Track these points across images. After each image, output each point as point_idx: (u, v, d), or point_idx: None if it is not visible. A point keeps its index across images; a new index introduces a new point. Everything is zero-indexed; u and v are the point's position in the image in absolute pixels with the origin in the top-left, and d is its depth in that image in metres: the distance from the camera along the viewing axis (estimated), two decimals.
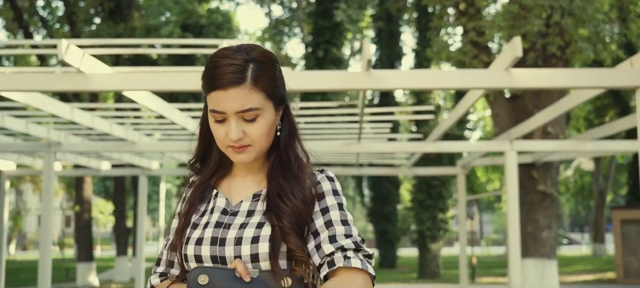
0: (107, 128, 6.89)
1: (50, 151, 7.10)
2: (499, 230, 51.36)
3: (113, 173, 11.07)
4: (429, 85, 4.16)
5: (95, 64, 4.20)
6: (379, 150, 8.03)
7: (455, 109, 6.14)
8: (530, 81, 4.02)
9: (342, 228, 1.48)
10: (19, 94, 4.93)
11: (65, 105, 5.91)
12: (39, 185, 36.59)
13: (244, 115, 1.47)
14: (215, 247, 1.48)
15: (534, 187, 9.28)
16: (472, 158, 9.51)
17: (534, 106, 9.33)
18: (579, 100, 5.10)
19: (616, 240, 17.98)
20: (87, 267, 17.64)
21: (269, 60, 1.51)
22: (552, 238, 9.35)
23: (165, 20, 16.54)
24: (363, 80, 4.03)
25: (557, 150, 7.56)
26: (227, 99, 1.46)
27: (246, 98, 1.46)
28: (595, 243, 27.71)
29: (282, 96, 1.55)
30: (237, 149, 1.50)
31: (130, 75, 4.33)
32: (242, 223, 1.50)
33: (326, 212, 1.52)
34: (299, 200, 1.50)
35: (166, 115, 5.79)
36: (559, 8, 8.75)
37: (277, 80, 1.52)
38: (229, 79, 1.45)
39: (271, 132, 1.53)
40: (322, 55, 17.05)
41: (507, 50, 3.93)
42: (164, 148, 7.79)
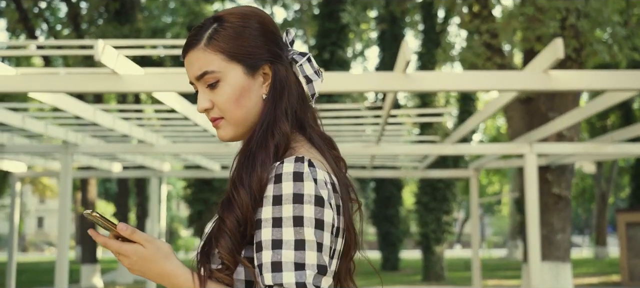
0: (127, 130, 6.85)
1: (67, 153, 7.05)
2: (499, 233, 51.38)
3: (125, 175, 11.01)
4: (465, 86, 4.13)
5: (128, 64, 4.16)
6: (397, 152, 8.00)
7: (481, 111, 6.10)
8: (570, 83, 3.98)
9: (291, 253, 1.16)
10: (45, 95, 4.89)
11: (89, 106, 5.87)
12: (38, 187, 36.51)
13: (204, 81, 1.30)
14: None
15: (548, 189, 9.26)
16: (487, 160, 9.48)
17: (548, 109, 9.32)
18: (609, 103, 5.08)
19: (621, 243, 17.97)
20: (92, 268, 17.57)
21: (237, 16, 1.32)
22: (566, 241, 9.34)
23: (172, 21, 16.50)
24: (400, 81, 4.00)
25: (578, 153, 7.53)
26: (186, 65, 1.33)
27: (200, 61, 1.30)
28: (597, 246, 27.72)
29: (258, 57, 1.31)
30: (213, 123, 1.35)
31: (162, 76, 4.30)
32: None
33: (278, 225, 1.18)
34: (247, 193, 1.22)
35: (190, 117, 5.75)
36: (574, 10, 8.74)
37: (243, 38, 1.30)
38: (186, 43, 1.33)
39: (245, 101, 1.30)
40: (328, 57, 17.02)
41: (547, 51, 3.89)
42: (181, 150, 7.75)
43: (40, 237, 51.09)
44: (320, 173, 1.23)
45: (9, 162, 9.69)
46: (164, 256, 1.25)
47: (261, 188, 1.22)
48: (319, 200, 1.19)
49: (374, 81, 4.17)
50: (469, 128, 6.80)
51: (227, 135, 1.34)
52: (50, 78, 4.12)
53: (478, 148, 8.90)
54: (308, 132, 1.35)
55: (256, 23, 1.33)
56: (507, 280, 19.58)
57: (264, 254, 1.18)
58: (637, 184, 23.04)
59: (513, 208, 31.14)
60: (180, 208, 49.48)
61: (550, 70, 4.00)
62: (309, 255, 1.17)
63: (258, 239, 1.20)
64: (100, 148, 7.67)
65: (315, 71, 1.39)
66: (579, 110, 5.95)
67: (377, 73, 4.23)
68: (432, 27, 20.30)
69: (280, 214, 1.18)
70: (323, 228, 1.19)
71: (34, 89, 4.10)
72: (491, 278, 19.84)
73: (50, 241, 49.83)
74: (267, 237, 1.18)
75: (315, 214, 1.18)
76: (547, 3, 8.59)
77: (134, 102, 18.92)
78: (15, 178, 9.88)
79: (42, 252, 42.55)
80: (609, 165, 25.73)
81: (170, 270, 1.24)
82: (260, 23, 1.34)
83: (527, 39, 9.11)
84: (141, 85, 4.19)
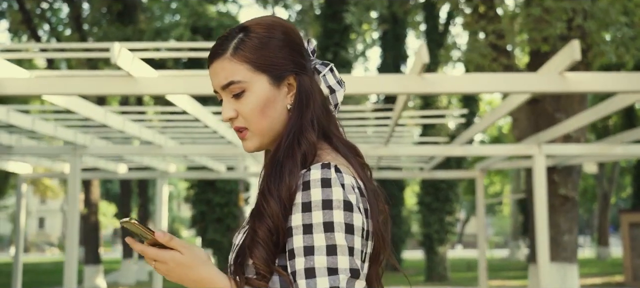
0: (137, 131, 6.85)
1: (75, 154, 7.05)
2: (500, 233, 51.40)
3: (130, 176, 11.01)
4: (482, 89, 4.13)
5: (143, 67, 4.16)
6: (406, 153, 8.00)
7: (492, 112, 6.10)
8: (586, 85, 3.99)
9: (323, 259, 1.17)
10: (58, 98, 4.89)
11: (100, 108, 5.87)
12: (39, 188, 36.50)
13: (230, 91, 1.31)
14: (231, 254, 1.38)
15: (555, 190, 9.26)
16: (493, 161, 9.48)
17: (555, 109, 9.31)
18: (622, 104, 5.08)
19: (624, 243, 17.98)
20: (95, 269, 17.55)
21: (263, 26, 1.34)
22: (573, 242, 9.33)
23: (175, 22, 16.50)
24: (416, 84, 4.00)
25: (587, 154, 7.53)
26: (212, 75, 1.34)
27: (226, 71, 1.31)
28: (599, 246, 27.73)
29: (283, 68, 1.33)
30: (239, 134, 1.36)
31: (176, 79, 4.29)
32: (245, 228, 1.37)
33: (308, 232, 1.19)
34: (277, 202, 1.23)
35: (201, 118, 5.75)
36: (581, 11, 8.74)
37: (269, 49, 1.31)
38: (212, 53, 1.34)
39: (270, 111, 1.31)
40: (331, 58, 17.02)
41: (563, 53, 3.89)
42: (189, 151, 7.75)
43: (42, 238, 51.10)
44: (348, 179, 1.24)
45: (14, 164, 9.68)
46: (201, 262, 1.26)
47: (290, 197, 1.23)
48: (348, 205, 1.21)
49: (389, 83, 4.17)
50: (478, 129, 6.79)
51: (252, 146, 1.35)
52: (65, 81, 4.12)
53: (486, 150, 8.90)
54: (333, 140, 1.36)
55: (281, 34, 1.34)
56: (510, 280, 19.58)
57: (296, 261, 1.19)
58: (639, 184, 23.05)
59: (514, 209, 31.15)
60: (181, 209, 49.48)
61: (565, 72, 4.00)
62: (341, 260, 1.18)
63: (290, 247, 1.21)
64: (108, 150, 7.66)
65: (338, 81, 1.42)
66: (590, 111, 5.95)
67: (393, 75, 4.23)
68: (434, 27, 20.32)
69: (310, 221, 1.20)
70: (353, 233, 1.21)
71: (49, 92, 4.10)
72: (494, 278, 19.84)
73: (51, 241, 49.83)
74: (299, 244, 1.20)
75: (345, 219, 1.20)
76: (553, 4, 8.58)
77: (136, 103, 18.92)
78: (21, 180, 9.87)
79: (43, 253, 42.53)
80: (610, 165, 25.74)
81: (208, 276, 1.25)
82: (285, 34, 1.35)
83: (533, 39, 9.11)
84: (156, 87, 4.19)
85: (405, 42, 23.14)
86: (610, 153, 7.55)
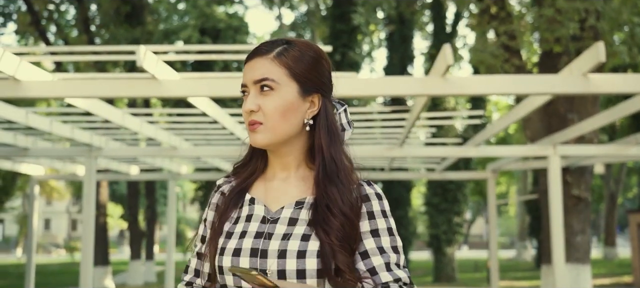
0: (153, 133, 6.86)
1: (91, 156, 7.07)
2: (506, 234, 51.33)
3: (142, 178, 11.03)
4: (505, 90, 4.13)
5: (167, 70, 4.17)
6: (420, 154, 8.00)
7: (509, 113, 6.10)
8: (609, 86, 3.98)
9: (394, 256, 1.44)
10: (79, 100, 4.90)
11: (117, 110, 5.88)
12: (45, 189, 36.55)
13: (261, 84, 1.42)
14: (255, 259, 1.38)
15: (568, 191, 9.24)
16: (505, 162, 9.47)
17: (567, 110, 9.30)
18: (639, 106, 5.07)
19: (633, 244, 17.93)
20: (103, 270, 17.58)
21: (305, 45, 1.49)
22: (585, 243, 9.31)
23: (184, 24, 16.51)
24: (440, 86, 4.00)
25: (601, 154, 7.52)
26: (248, 69, 1.46)
27: (265, 68, 1.43)
28: (606, 246, 27.67)
29: (313, 85, 1.47)
30: (251, 126, 1.44)
31: (198, 82, 4.30)
32: (284, 234, 1.40)
33: (377, 235, 1.45)
34: (347, 213, 1.42)
35: (219, 120, 5.76)
36: (593, 11, 8.73)
37: (306, 64, 1.46)
38: (255, 50, 1.47)
39: (290, 116, 1.44)
40: (339, 58, 17.02)
41: (588, 54, 3.89)
42: (203, 153, 7.76)
43: (47, 239, 51.18)
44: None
45: (27, 165, 9.71)
46: None
47: (353, 206, 1.43)
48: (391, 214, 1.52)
49: (413, 85, 4.17)
50: (495, 130, 6.79)
51: (262, 140, 1.44)
52: (88, 83, 4.13)
53: (501, 151, 8.89)
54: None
55: (320, 56, 1.50)
56: (518, 281, 19.56)
57: (373, 259, 1.42)
58: None
59: (521, 210, 31.09)
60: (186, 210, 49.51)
61: (590, 74, 4.00)
62: (402, 257, 1.47)
63: (363, 249, 1.44)
64: (123, 152, 7.68)
65: (348, 121, 1.57)
66: (607, 113, 5.94)
67: (416, 77, 4.22)
68: (442, 28, 20.30)
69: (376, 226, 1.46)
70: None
71: (72, 95, 4.11)
72: (502, 279, 19.82)
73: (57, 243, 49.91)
74: (372, 246, 1.44)
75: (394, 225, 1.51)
76: (566, 4, 8.58)
77: (144, 105, 18.95)
78: (33, 182, 9.89)
79: (49, 254, 42.60)
80: (617, 165, 25.68)
81: None
82: (322, 57, 1.51)
83: (545, 40, 9.10)
84: (179, 90, 4.20)
85: (412, 43, 23.11)
86: (624, 154, 7.54)
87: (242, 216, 1.47)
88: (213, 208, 1.54)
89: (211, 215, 1.53)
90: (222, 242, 1.43)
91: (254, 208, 1.47)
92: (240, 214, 1.48)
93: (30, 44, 18.74)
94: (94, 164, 7.04)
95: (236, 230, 1.44)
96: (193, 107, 5.73)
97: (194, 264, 1.55)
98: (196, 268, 1.54)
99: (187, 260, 1.59)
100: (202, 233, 1.53)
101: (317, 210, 1.41)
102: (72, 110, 6.30)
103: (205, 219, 1.54)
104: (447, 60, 3.83)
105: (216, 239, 1.44)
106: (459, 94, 4.09)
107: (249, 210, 1.47)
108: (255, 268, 1.34)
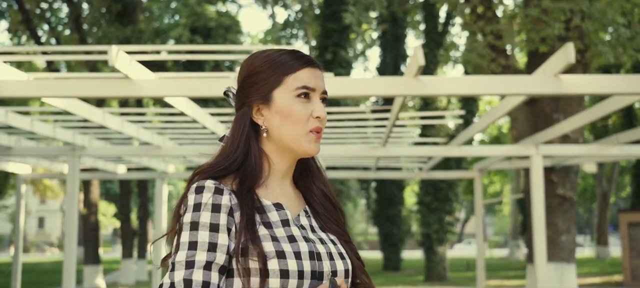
0: (134, 132, 6.87)
1: (74, 155, 7.07)
2: (500, 232, 51.42)
3: (129, 177, 11.03)
4: (477, 91, 4.15)
5: (141, 70, 4.18)
6: (404, 154, 8.02)
7: (489, 113, 6.12)
8: (580, 87, 4.01)
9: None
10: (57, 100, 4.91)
11: (98, 110, 5.89)
12: (39, 188, 36.52)
13: (324, 96, 1.49)
14: (314, 262, 1.37)
15: (553, 190, 9.28)
16: (491, 162, 9.50)
17: (553, 110, 9.33)
18: (617, 106, 5.10)
19: (623, 243, 17.98)
20: (94, 269, 17.57)
21: None
22: (570, 242, 9.35)
23: (175, 22, 16.50)
24: (412, 86, 4.02)
25: (583, 154, 7.55)
26: (317, 76, 1.49)
27: (324, 81, 1.51)
28: (598, 245, 27.75)
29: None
30: (318, 133, 1.46)
31: (174, 82, 4.31)
32: (320, 238, 1.45)
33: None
34: (340, 210, 1.57)
35: (199, 120, 5.77)
36: (578, 11, 8.76)
37: None
38: (313, 60, 1.49)
39: None
40: (330, 58, 17.03)
41: (558, 55, 3.91)
42: (187, 152, 7.77)
43: (41, 238, 51.11)
44: None
45: (14, 164, 9.70)
46: None
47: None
48: None
49: (385, 86, 4.19)
50: (476, 130, 6.82)
51: (319, 151, 1.50)
52: (63, 83, 4.14)
53: (484, 150, 8.92)
54: None
55: None
56: (509, 280, 19.60)
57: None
58: (638, 184, 23.06)
59: (514, 208, 31.16)
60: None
61: (560, 75, 4.02)
62: None
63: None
64: (106, 151, 7.68)
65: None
66: (586, 112, 5.97)
67: (389, 78, 4.24)
68: (434, 27, 20.32)
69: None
70: None
71: (47, 94, 4.12)
72: (493, 278, 19.87)
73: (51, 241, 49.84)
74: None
75: None
76: (551, 4, 8.60)
77: (136, 105, 18.94)
78: (20, 180, 9.89)
79: (43, 253, 42.55)
80: (610, 165, 25.76)
81: None
82: None
83: (531, 40, 9.13)
84: (154, 90, 4.21)
85: (405, 42, 23.15)
86: (607, 154, 7.58)
87: (274, 221, 1.41)
88: (226, 211, 1.37)
89: (225, 219, 1.36)
90: (274, 246, 1.35)
91: (285, 214, 1.44)
92: (270, 219, 1.41)
93: (23, 43, 18.71)
94: (77, 163, 7.04)
95: (279, 235, 1.38)
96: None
97: (217, 280, 1.33)
98: (219, 285, 1.34)
99: (194, 281, 1.30)
100: (226, 243, 1.35)
101: (330, 213, 1.52)
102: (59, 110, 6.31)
103: (215, 224, 1.35)
104: (418, 61, 3.85)
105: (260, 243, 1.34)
106: (431, 95, 4.11)
107: (279, 215, 1.43)
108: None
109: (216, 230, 1.34)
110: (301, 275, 1.34)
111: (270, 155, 1.48)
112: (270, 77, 1.46)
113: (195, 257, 1.32)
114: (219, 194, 1.37)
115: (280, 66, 1.46)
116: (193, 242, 1.33)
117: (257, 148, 1.47)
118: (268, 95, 1.46)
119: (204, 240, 1.33)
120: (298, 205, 1.50)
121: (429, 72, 19.85)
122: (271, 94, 1.45)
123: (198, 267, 1.31)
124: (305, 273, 1.35)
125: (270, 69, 1.46)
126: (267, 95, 1.46)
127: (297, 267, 1.34)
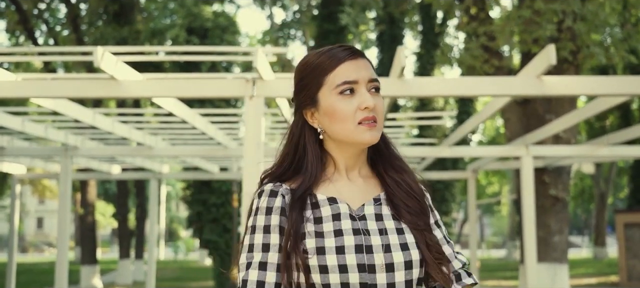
0: (126, 133, 6.90)
1: (67, 155, 7.10)
2: (498, 233, 51.43)
3: (124, 177, 11.06)
4: (460, 92, 4.18)
5: (127, 70, 4.21)
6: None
7: (478, 114, 6.15)
8: (563, 88, 4.04)
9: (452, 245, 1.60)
10: (46, 100, 4.94)
11: (88, 110, 5.92)
12: (38, 188, 36.52)
13: (374, 85, 1.51)
14: (362, 255, 1.40)
15: (545, 191, 9.30)
16: (484, 162, 9.53)
17: (545, 111, 9.36)
18: (606, 106, 5.13)
19: (619, 244, 18.01)
20: (91, 269, 17.61)
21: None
22: (563, 242, 9.38)
23: (171, 23, 16.52)
24: (397, 87, 4.05)
25: (574, 155, 7.58)
26: (360, 67, 1.50)
27: (371, 70, 1.52)
28: (596, 246, 27.76)
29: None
30: (370, 123, 1.47)
31: (161, 82, 4.34)
32: (379, 229, 1.46)
33: (438, 226, 1.60)
34: (420, 197, 1.56)
35: (188, 120, 5.80)
36: (571, 13, 8.78)
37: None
38: (356, 50, 1.52)
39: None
40: None
41: (540, 57, 3.95)
42: (179, 152, 7.80)
43: (40, 238, 51.11)
44: None
45: (9, 164, 9.73)
46: None
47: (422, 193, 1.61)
48: None
49: None
50: (466, 130, 6.85)
51: (376, 137, 1.50)
52: (50, 84, 4.17)
53: (475, 151, 8.96)
54: None
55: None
56: (505, 280, 19.62)
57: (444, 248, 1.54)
58: (635, 185, 23.07)
59: (512, 209, 31.19)
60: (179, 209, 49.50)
61: (543, 76, 4.05)
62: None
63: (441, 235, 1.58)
64: (99, 151, 7.72)
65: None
66: (576, 112, 6.01)
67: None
68: (431, 28, 20.35)
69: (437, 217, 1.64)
70: None
71: (35, 95, 4.15)
72: (490, 278, 19.89)
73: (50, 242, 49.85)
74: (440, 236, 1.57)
75: None
76: (544, 6, 8.63)
77: (133, 105, 18.96)
78: (15, 180, 9.92)
79: (41, 253, 42.56)
80: (608, 165, 25.77)
81: None
82: None
83: (524, 41, 9.15)
84: (140, 91, 4.24)
85: (402, 42, 23.16)
86: (597, 154, 7.61)
87: (325, 216, 1.46)
88: (278, 212, 1.46)
89: (277, 220, 1.45)
90: (316, 242, 1.41)
91: (338, 208, 1.47)
92: (321, 214, 1.46)
93: (21, 43, 18.74)
94: (69, 163, 7.08)
95: (326, 230, 1.43)
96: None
97: (273, 278, 1.42)
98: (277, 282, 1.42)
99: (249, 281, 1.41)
100: (278, 242, 1.44)
101: (398, 201, 1.51)
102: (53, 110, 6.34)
103: (267, 226, 1.45)
104: (401, 62, 3.88)
105: (301, 242, 1.41)
106: (415, 95, 4.14)
107: (332, 209, 1.47)
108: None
109: (269, 231, 1.44)
110: (344, 269, 1.39)
111: (333, 152, 1.54)
112: (312, 81, 1.51)
113: (252, 259, 1.43)
114: (272, 197, 1.47)
115: (318, 68, 1.51)
116: (251, 245, 1.45)
117: (315, 149, 1.53)
118: (314, 99, 1.52)
119: (259, 242, 1.44)
120: (367, 193, 1.53)
121: (425, 73, 19.90)
122: (316, 97, 1.51)
123: (254, 267, 1.42)
124: (349, 267, 1.39)
125: (310, 73, 1.51)
126: (313, 99, 1.52)
127: (338, 262, 1.39)
